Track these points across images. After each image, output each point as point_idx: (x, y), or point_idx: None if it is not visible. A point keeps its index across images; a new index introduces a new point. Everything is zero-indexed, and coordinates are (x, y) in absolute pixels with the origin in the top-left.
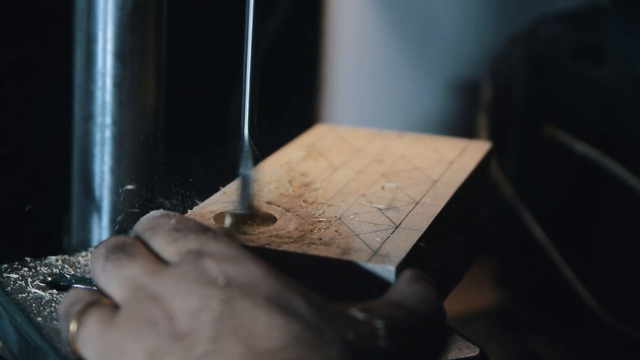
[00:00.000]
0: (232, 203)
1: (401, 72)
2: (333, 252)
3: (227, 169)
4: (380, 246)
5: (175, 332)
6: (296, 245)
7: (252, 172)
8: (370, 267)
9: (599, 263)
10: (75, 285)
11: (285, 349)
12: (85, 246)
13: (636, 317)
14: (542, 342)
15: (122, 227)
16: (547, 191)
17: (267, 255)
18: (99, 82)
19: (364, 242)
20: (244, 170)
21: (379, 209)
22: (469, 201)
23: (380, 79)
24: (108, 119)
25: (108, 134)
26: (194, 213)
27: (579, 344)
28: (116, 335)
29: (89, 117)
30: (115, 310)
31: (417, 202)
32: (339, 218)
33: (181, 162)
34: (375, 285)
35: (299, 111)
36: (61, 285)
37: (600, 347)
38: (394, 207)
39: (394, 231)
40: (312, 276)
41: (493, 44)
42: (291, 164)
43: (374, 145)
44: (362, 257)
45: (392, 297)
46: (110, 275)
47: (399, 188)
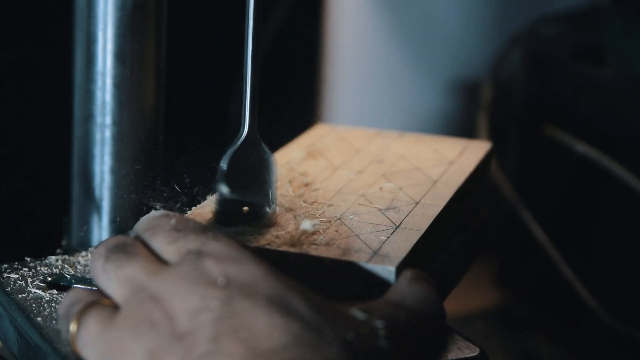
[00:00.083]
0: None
1: (401, 72)
2: (333, 253)
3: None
4: (380, 246)
5: (175, 332)
6: (296, 246)
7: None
8: (370, 267)
9: (599, 263)
10: (75, 285)
11: (285, 349)
12: (85, 246)
13: (636, 317)
14: (542, 342)
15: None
16: (547, 191)
17: (267, 255)
18: (99, 82)
19: (364, 243)
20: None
21: (379, 209)
22: (469, 201)
23: (380, 79)
24: (108, 119)
25: (108, 134)
26: (194, 213)
27: (579, 344)
28: (116, 335)
29: (89, 117)
30: (115, 311)
31: (417, 202)
32: (338, 218)
33: (181, 162)
34: (375, 285)
35: (299, 111)
36: (61, 285)
37: (600, 347)
38: (394, 207)
39: (394, 231)
40: (312, 276)
41: (493, 44)
42: (291, 164)
43: (374, 145)
44: (362, 257)
45: (392, 297)
46: (110, 275)
47: (398, 188)
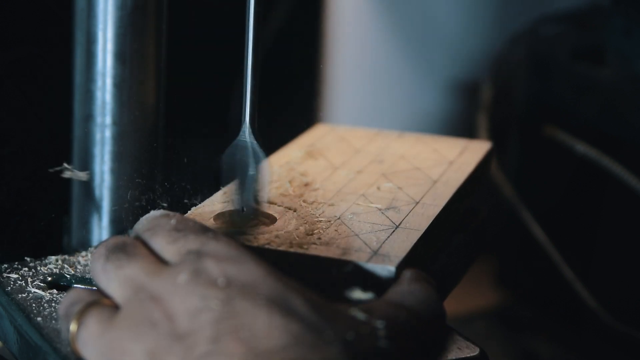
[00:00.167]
0: (231, 203)
1: (401, 72)
2: (333, 252)
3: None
4: (380, 246)
5: (176, 332)
6: (296, 246)
7: (255, 171)
8: (370, 267)
9: (599, 263)
10: (75, 285)
11: (285, 349)
12: (85, 246)
13: (636, 317)
14: (542, 342)
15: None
16: (547, 191)
17: (267, 255)
18: (99, 82)
19: (364, 242)
20: (250, 170)
21: (379, 209)
22: (469, 201)
23: (380, 79)
24: (108, 119)
25: (108, 134)
26: (194, 213)
27: (579, 344)
28: (116, 335)
29: (89, 117)
30: (115, 311)
31: (417, 202)
32: (338, 218)
33: (181, 161)
34: (375, 285)
35: (299, 111)
36: (61, 285)
37: (600, 347)
38: (394, 207)
39: (394, 231)
40: (312, 276)
41: (493, 44)
42: (291, 164)
43: (374, 145)
44: (362, 257)
45: (392, 297)
46: (110, 275)
47: (398, 188)
